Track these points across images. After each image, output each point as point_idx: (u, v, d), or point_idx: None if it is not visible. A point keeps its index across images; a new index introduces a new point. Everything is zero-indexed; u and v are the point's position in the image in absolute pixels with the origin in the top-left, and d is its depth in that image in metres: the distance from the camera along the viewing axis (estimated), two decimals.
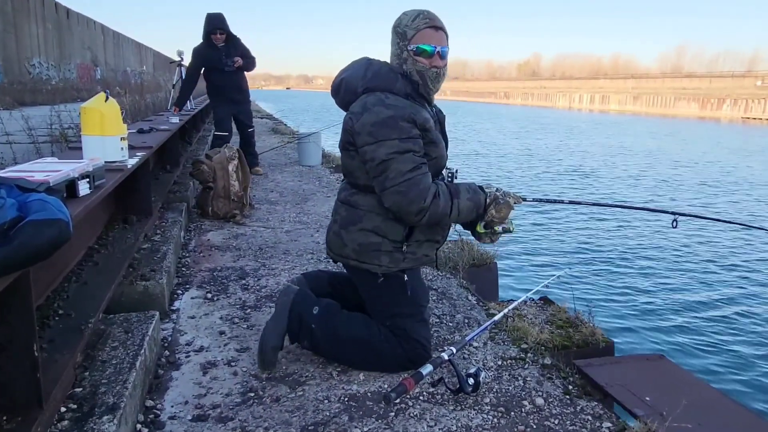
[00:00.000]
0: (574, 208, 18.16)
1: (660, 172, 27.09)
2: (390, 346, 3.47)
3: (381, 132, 3.30)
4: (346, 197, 3.66)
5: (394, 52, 3.53)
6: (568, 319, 4.75)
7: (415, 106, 3.43)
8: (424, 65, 3.46)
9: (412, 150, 3.31)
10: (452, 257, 5.81)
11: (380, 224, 3.50)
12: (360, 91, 3.49)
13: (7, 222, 2.05)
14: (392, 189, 3.27)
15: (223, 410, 3.10)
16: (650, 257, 13.09)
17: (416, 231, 3.50)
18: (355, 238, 3.55)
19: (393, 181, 3.27)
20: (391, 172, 3.26)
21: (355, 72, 3.57)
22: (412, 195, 3.24)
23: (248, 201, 7.76)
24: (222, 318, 4.32)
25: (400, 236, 3.50)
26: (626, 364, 4.01)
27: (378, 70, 3.51)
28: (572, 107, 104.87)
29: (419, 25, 3.45)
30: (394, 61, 3.54)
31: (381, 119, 3.31)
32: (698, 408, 3.35)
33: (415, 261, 3.58)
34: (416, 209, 3.26)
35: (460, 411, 3.14)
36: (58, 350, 2.81)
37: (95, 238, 4.62)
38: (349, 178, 3.65)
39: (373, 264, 3.53)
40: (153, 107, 13.49)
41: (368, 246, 3.52)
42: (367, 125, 3.34)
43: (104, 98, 4.46)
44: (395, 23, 3.52)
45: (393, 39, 3.53)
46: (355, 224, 3.56)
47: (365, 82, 3.48)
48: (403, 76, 3.50)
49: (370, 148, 3.33)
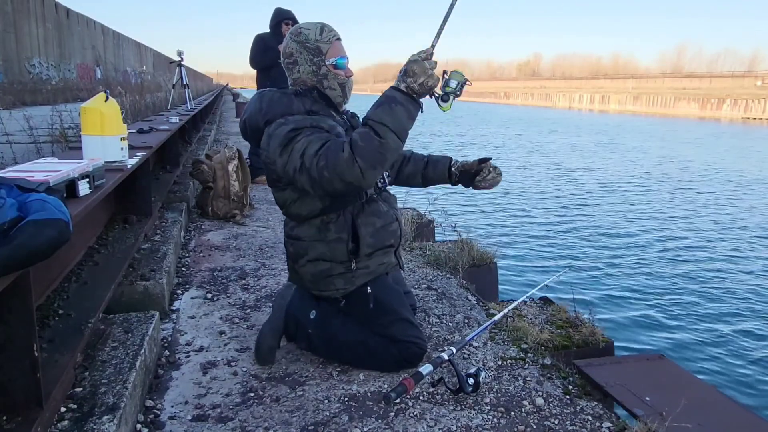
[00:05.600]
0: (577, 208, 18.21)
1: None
2: (384, 349, 3.48)
3: (287, 144, 3.29)
4: (288, 232, 3.69)
5: (308, 69, 3.52)
6: (568, 319, 4.75)
7: (318, 116, 3.42)
8: (342, 78, 3.51)
9: (314, 130, 3.30)
10: (452, 257, 5.80)
11: (324, 250, 3.50)
12: (262, 125, 3.47)
13: (6, 222, 2.05)
14: (316, 170, 3.16)
15: (223, 410, 3.10)
16: (650, 257, 13.11)
17: (362, 245, 3.48)
18: (307, 269, 3.58)
19: (312, 163, 3.17)
20: (307, 160, 3.18)
21: (252, 108, 3.56)
22: (332, 159, 3.11)
23: (248, 201, 7.75)
24: (222, 318, 4.32)
25: (345, 256, 3.49)
26: (626, 364, 4.01)
27: (271, 98, 3.51)
28: (572, 107, 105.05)
29: (329, 38, 3.49)
30: (309, 79, 3.53)
31: (283, 135, 3.30)
32: (698, 408, 3.35)
33: (371, 273, 3.57)
34: (345, 166, 3.08)
35: (460, 411, 3.14)
36: (58, 350, 2.80)
37: (95, 238, 4.62)
38: (285, 210, 3.65)
39: (330, 290, 3.57)
40: (153, 107, 13.51)
41: (320, 274, 3.55)
42: (276, 149, 3.33)
43: (104, 98, 4.46)
44: (300, 39, 3.51)
45: (302, 57, 3.51)
46: (302, 257, 3.58)
47: (263, 115, 3.47)
48: (296, 94, 3.51)
49: (282, 161, 3.32)
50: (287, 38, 3.56)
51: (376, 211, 3.55)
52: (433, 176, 4.04)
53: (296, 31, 3.53)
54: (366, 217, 3.50)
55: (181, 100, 16.44)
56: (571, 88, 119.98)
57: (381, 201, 3.63)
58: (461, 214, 16.19)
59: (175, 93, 15.13)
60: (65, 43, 32.84)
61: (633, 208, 18.52)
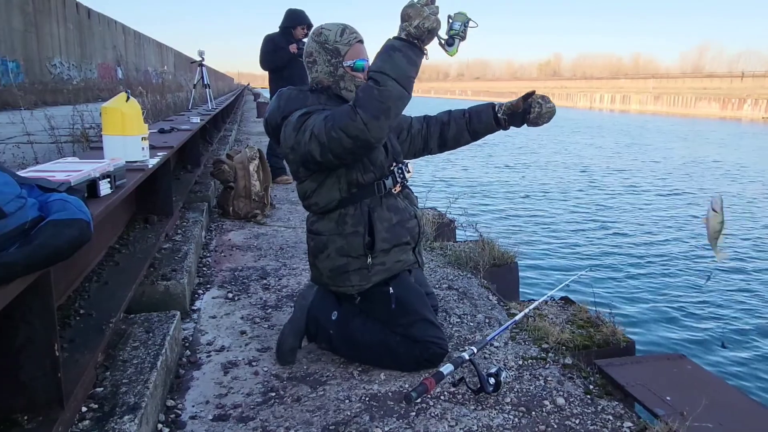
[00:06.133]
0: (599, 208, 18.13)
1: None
2: (406, 349, 3.47)
3: (300, 126, 3.31)
4: (309, 227, 3.71)
5: (325, 70, 3.52)
6: (588, 318, 4.73)
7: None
8: (361, 80, 3.47)
9: (325, 110, 3.31)
10: (473, 257, 5.78)
11: (342, 244, 3.50)
12: (280, 122, 3.50)
13: (28, 222, 2.06)
14: (324, 133, 3.15)
15: (244, 410, 3.10)
16: (671, 257, 13.03)
17: (377, 239, 3.47)
18: (326, 265, 3.58)
19: (321, 128, 3.17)
20: (317, 127, 3.19)
21: (272, 107, 3.60)
22: (337, 117, 3.11)
23: (269, 201, 7.76)
24: (243, 318, 4.32)
25: (361, 249, 3.48)
26: (647, 364, 3.98)
27: (288, 96, 3.54)
28: (593, 107, 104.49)
29: (350, 40, 3.49)
30: (325, 79, 3.53)
31: (296, 119, 3.34)
32: (719, 408, 3.31)
33: (388, 271, 3.56)
34: (348, 119, 3.05)
35: (481, 411, 3.12)
36: (79, 350, 2.81)
37: (116, 238, 4.63)
38: (306, 202, 3.66)
39: (345, 286, 3.57)
40: (174, 107, 13.55)
41: (337, 269, 3.54)
42: (291, 133, 3.37)
43: (125, 98, 4.47)
44: (320, 39, 3.50)
45: (321, 57, 3.51)
46: (322, 251, 3.58)
47: (281, 112, 3.50)
48: (312, 91, 3.53)
49: (296, 140, 3.33)
50: (309, 38, 3.57)
51: (393, 207, 3.55)
52: (479, 128, 3.98)
53: (317, 31, 3.54)
54: (382, 212, 3.50)
55: (202, 99, 16.50)
56: (592, 88, 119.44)
57: (400, 197, 3.63)
58: (482, 213, 16.13)
59: (196, 93, 15.17)
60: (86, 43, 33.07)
61: (656, 208, 18.41)
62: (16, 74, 24.69)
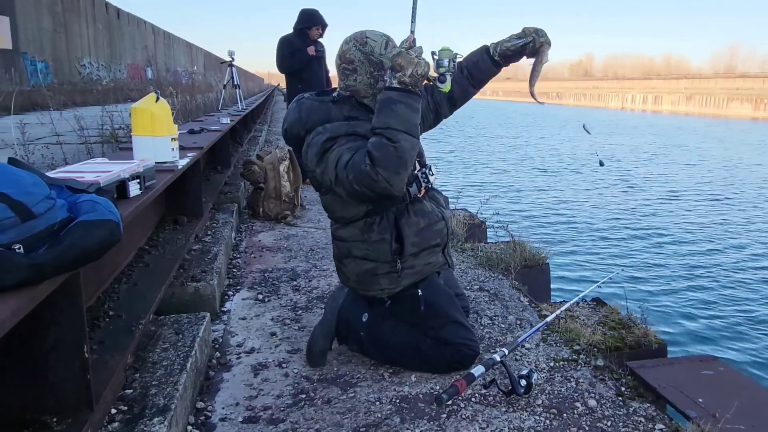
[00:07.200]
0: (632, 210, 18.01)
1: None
2: (436, 351, 3.45)
3: (322, 155, 3.31)
4: (333, 232, 3.71)
5: (366, 81, 3.44)
6: (620, 320, 4.70)
7: (357, 122, 3.39)
8: None
9: (350, 138, 3.30)
10: (504, 258, 5.75)
11: (368, 250, 3.48)
12: (303, 134, 3.47)
13: (57, 223, 2.06)
14: (347, 183, 3.18)
15: (274, 412, 3.09)
16: (704, 257, 12.93)
17: (406, 245, 3.44)
18: (352, 269, 3.58)
19: (344, 176, 3.18)
20: (340, 172, 3.20)
21: (292, 118, 3.54)
22: (357, 174, 3.11)
23: (299, 202, 7.76)
24: (273, 319, 4.32)
25: (389, 256, 3.45)
26: (679, 366, 3.94)
27: (309, 107, 3.49)
28: (625, 107, 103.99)
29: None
30: (363, 90, 3.46)
31: (320, 145, 3.31)
32: (751, 410, 3.28)
33: (417, 274, 3.53)
34: (369, 179, 3.08)
35: (512, 412, 3.10)
36: (109, 351, 2.81)
37: (145, 239, 4.64)
38: (331, 214, 3.66)
39: (375, 290, 3.56)
40: (204, 107, 13.58)
41: (364, 274, 3.53)
42: (313, 158, 3.36)
43: (155, 98, 4.48)
44: (366, 50, 3.41)
45: (363, 68, 3.42)
46: (347, 256, 3.58)
47: (303, 124, 3.46)
48: (333, 102, 3.48)
49: (320, 171, 3.36)
50: (350, 44, 3.45)
51: (420, 211, 3.52)
52: (480, 76, 3.92)
53: (362, 40, 3.43)
54: (410, 217, 3.47)
55: (232, 100, 16.54)
56: (624, 89, 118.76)
57: (427, 200, 3.60)
58: (513, 214, 16.09)
59: (226, 93, 15.20)
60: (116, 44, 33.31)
61: (690, 210, 18.26)
62: (45, 75, 24.94)
